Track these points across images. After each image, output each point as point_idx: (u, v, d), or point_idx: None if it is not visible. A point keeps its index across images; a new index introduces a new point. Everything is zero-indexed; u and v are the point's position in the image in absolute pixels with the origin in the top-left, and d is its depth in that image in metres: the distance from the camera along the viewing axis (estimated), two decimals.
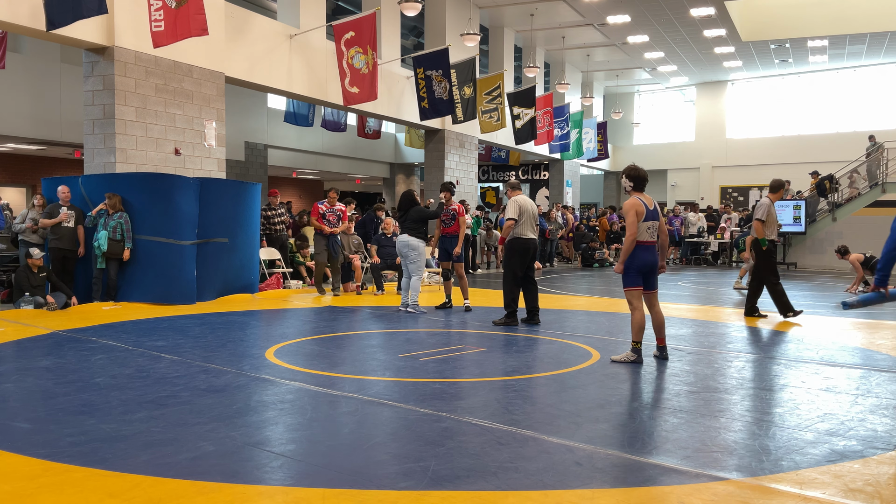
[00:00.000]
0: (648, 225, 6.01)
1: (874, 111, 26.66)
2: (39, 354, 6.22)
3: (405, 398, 4.75)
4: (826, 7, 21.70)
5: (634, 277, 6.06)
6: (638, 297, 6.09)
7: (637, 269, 6.04)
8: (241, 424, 4.12)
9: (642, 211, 5.97)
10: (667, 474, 3.39)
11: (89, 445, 3.73)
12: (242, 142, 20.91)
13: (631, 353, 6.04)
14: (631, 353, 6.05)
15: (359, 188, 34.95)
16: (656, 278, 6.16)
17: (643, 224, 5.98)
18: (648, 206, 6.03)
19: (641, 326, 6.04)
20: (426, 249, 9.50)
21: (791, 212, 19.29)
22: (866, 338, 7.59)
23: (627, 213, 6.01)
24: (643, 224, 5.98)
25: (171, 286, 9.69)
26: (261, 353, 6.35)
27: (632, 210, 5.99)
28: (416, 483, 3.24)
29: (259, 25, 12.73)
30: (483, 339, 7.25)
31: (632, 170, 6.17)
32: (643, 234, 6.01)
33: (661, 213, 6.17)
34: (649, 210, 6.02)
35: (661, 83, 29.98)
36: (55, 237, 9.50)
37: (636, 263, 6.03)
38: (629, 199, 6.14)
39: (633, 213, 5.98)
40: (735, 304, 10.85)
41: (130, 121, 10.28)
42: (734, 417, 4.40)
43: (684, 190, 30.19)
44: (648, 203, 6.05)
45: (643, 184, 6.14)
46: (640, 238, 6.01)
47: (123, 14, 10.07)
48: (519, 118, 19.25)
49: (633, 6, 19.37)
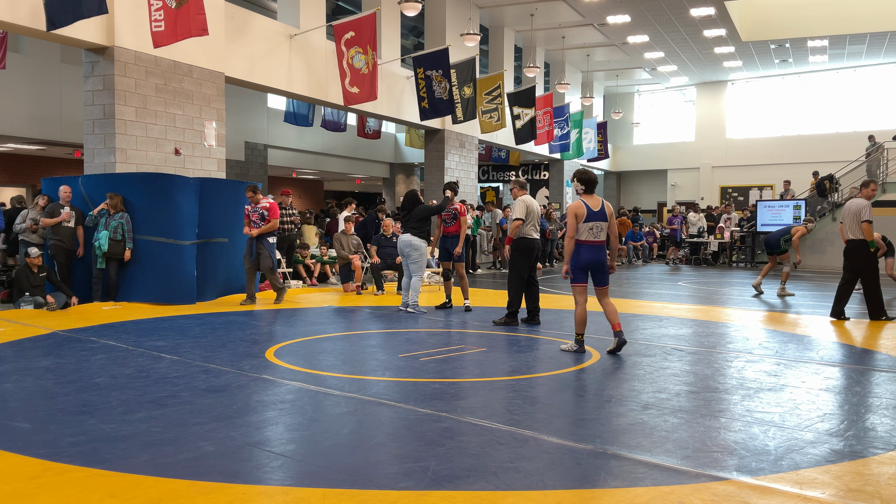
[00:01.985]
0: (591, 225, 6.40)
1: (874, 111, 26.66)
2: (39, 354, 6.22)
3: (405, 398, 4.75)
4: (826, 7, 21.70)
5: (579, 274, 6.47)
6: (581, 292, 6.53)
7: (581, 267, 6.45)
8: (241, 424, 4.12)
9: (582, 213, 6.37)
10: (667, 474, 3.39)
11: (89, 445, 3.73)
12: (242, 142, 20.91)
13: (574, 344, 6.53)
14: (574, 343, 6.53)
15: (359, 188, 34.96)
16: (606, 276, 6.55)
17: (584, 225, 6.38)
18: (593, 208, 6.40)
19: (583, 320, 6.52)
20: (427, 249, 9.49)
21: (791, 212, 19.29)
22: (866, 338, 7.59)
23: (568, 215, 6.45)
24: (584, 225, 6.38)
25: (171, 286, 9.69)
26: (261, 353, 6.35)
27: (571, 213, 6.41)
28: (416, 483, 3.24)
29: (259, 25, 12.74)
30: (483, 339, 7.25)
31: (582, 173, 6.58)
32: (585, 234, 6.40)
33: (611, 216, 6.56)
34: (593, 212, 6.40)
35: (661, 83, 29.98)
36: (56, 237, 9.50)
37: (580, 262, 6.43)
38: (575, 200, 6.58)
39: (572, 216, 6.41)
40: (735, 304, 10.86)
41: (130, 121, 10.28)
42: (734, 417, 4.40)
43: (684, 190, 30.19)
44: (594, 205, 6.42)
45: (593, 186, 6.54)
46: (582, 238, 6.40)
47: (123, 14, 10.07)
48: (519, 118, 19.25)
49: (633, 6, 19.37)
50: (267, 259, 9.91)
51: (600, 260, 6.45)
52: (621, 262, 21.25)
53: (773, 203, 20.19)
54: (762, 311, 9.86)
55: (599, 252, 6.45)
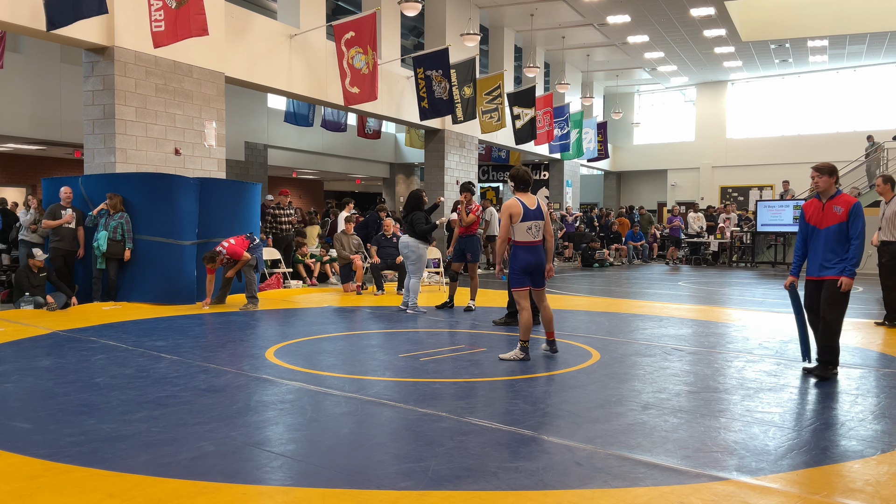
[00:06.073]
0: (528, 225, 6.07)
1: (874, 111, 26.65)
2: (39, 354, 6.22)
3: (405, 398, 4.75)
4: (826, 7, 21.69)
5: (520, 278, 6.17)
6: (525, 297, 6.20)
7: (521, 270, 6.15)
8: (241, 424, 4.12)
9: (518, 212, 6.03)
10: (667, 474, 3.39)
11: (89, 445, 3.73)
12: (242, 142, 20.91)
13: (519, 352, 6.15)
14: (519, 351, 6.15)
15: (359, 188, 34.95)
16: (543, 277, 6.25)
17: (521, 225, 6.05)
18: (529, 207, 6.07)
19: (528, 326, 6.18)
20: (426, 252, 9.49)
21: (791, 212, 19.29)
22: (866, 338, 7.59)
23: (503, 215, 6.13)
24: (521, 225, 6.05)
25: (171, 286, 9.69)
26: (261, 353, 6.35)
27: (506, 212, 6.09)
28: (416, 483, 3.24)
29: (259, 25, 12.73)
30: (483, 339, 7.25)
31: (513, 170, 6.25)
32: (522, 234, 6.08)
33: (547, 214, 6.24)
34: (530, 210, 6.07)
35: (661, 83, 29.98)
36: (56, 238, 9.50)
37: (520, 264, 6.14)
38: (510, 199, 6.23)
39: (506, 215, 6.09)
40: (735, 304, 10.86)
41: (130, 121, 10.28)
42: (734, 417, 4.40)
43: (684, 190, 30.18)
44: (530, 203, 6.09)
45: (525, 185, 6.21)
46: (520, 239, 6.10)
47: (123, 14, 10.06)
48: (519, 118, 19.24)
49: (633, 6, 19.36)
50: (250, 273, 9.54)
51: (539, 261, 6.17)
52: (622, 262, 21.25)
53: (773, 203, 20.20)
54: (762, 312, 9.86)
55: (538, 253, 6.16)
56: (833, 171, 5.60)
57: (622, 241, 21.98)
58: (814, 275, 5.61)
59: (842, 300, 5.47)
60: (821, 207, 5.60)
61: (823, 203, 5.59)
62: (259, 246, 10.00)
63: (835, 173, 5.61)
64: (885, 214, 8.42)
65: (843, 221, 5.45)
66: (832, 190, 5.58)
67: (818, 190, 5.64)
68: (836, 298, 5.45)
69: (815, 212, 5.64)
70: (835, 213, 5.49)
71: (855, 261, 5.38)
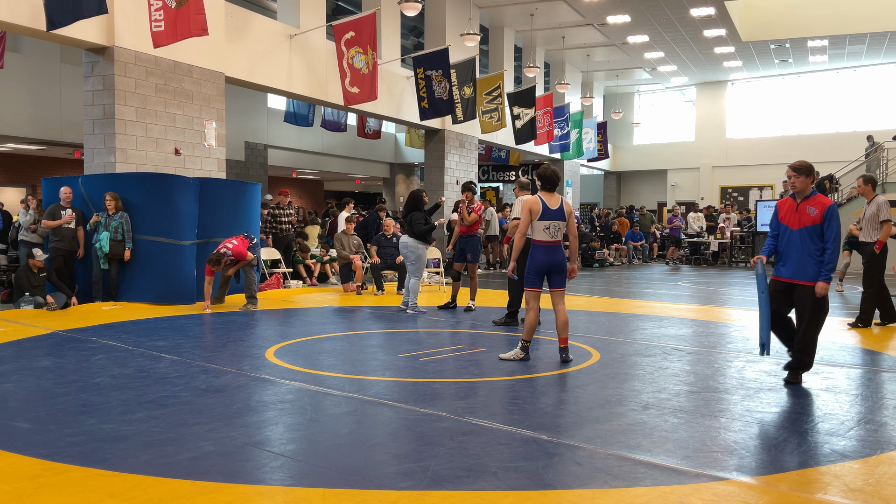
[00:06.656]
0: (546, 224, 6.00)
1: (874, 111, 26.66)
2: (39, 354, 6.22)
3: (405, 398, 4.75)
4: (826, 7, 21.69)
5: (533, 278, 6.07)
6: (535, 297, 6.11)
7: (536, 270, 6.05)
8: (241, 424, 4.12)
9: (538, 210, 5.97)
10: (667, 474, 3.39)
11: (89, 445, 3.73)
12: (242, 142, 20.91)
13: (519, 351, 6.11)
14: (519, 350, 6.12)
15: (359, 188, 34.95)
16: (563, 277, 6.12)
17: (539, 223, 5.99)
18: (550, 206, 6.00)
19: (532, 327, 6.11)
20: (426, 252, 9.49)
21: None
22: (866, 338, 7.59)
23: (523, 211, 6.06)
24: (539, 223, 5.99)
25: (171, 286, 9.69)
26: (261, 353, 6.35)
27: (526, 207, 6.02)
28: (416, 483, 3.24)
29: (259, 25, 12.73)
30: (483, 339, 7.25)
31: (541, 168, 6.17)
32: (540, 233, 6.01)
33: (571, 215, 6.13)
34: (550, 210, 6.00)
35: (661, 83, 29.98)
36: (56, 238, 9.50)
37: (535, 264, 6.05)
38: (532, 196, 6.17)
39: (526, 211, 6.01)
40: (735, 304, 10.85)
41: (130, 121, 10.28)
42: (734, 417, 4.40)
43: (684, 190, 30.19)
44: (552, 203, 6.02)
45: (551, 184, 6.12)
46: (537, 238, 6.02)
47: (123, 14, 10.06)
48: (519, 118, 19.24)
49: (633, 6, 19.36)
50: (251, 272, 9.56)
51: (557, 261, 6.03)
52: (622, 262, 21.25)
53: (773, 203, 20.19)
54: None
55: (556, 253, 6.03)
56: (810, 171, 5.39)
57: (622, 241, 21.98)
58: (783, 276, 5.42)
59: (824, 306, 5.31)
60: (794, 207, 5.41)
61: (798, 203, 5.40)
62: (257, 245, 10.01)
63: (812, 173, 5.40)
64: (866, 215, 8.34)
65: (818, 223, 5.26)
66: (808, 190, 5.39)
67: (794, 190, 5.45)
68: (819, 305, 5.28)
69: (789, 211, 5.45)
70: (809, 214, 5.31)
71: (831, 265, 5.19)
